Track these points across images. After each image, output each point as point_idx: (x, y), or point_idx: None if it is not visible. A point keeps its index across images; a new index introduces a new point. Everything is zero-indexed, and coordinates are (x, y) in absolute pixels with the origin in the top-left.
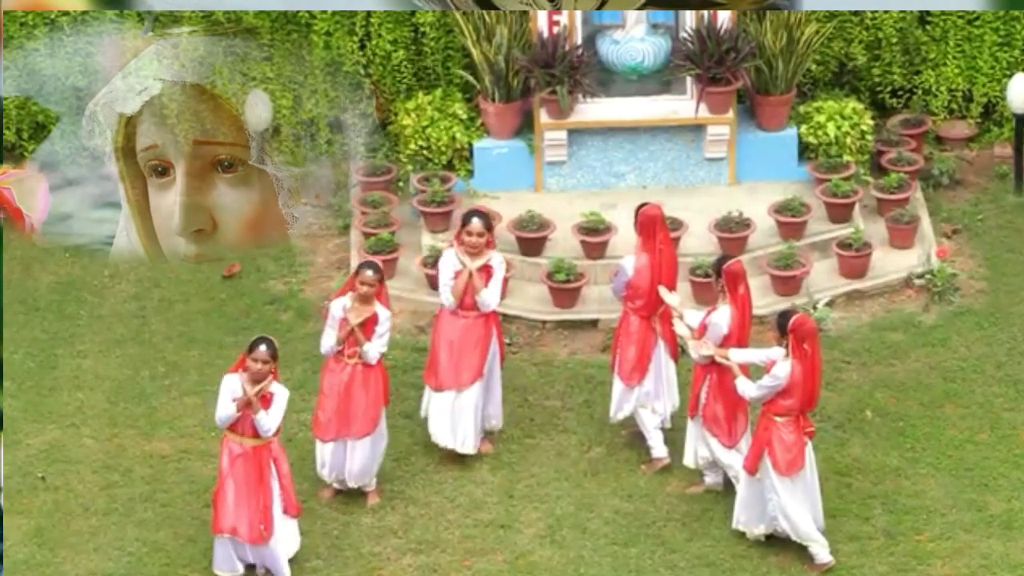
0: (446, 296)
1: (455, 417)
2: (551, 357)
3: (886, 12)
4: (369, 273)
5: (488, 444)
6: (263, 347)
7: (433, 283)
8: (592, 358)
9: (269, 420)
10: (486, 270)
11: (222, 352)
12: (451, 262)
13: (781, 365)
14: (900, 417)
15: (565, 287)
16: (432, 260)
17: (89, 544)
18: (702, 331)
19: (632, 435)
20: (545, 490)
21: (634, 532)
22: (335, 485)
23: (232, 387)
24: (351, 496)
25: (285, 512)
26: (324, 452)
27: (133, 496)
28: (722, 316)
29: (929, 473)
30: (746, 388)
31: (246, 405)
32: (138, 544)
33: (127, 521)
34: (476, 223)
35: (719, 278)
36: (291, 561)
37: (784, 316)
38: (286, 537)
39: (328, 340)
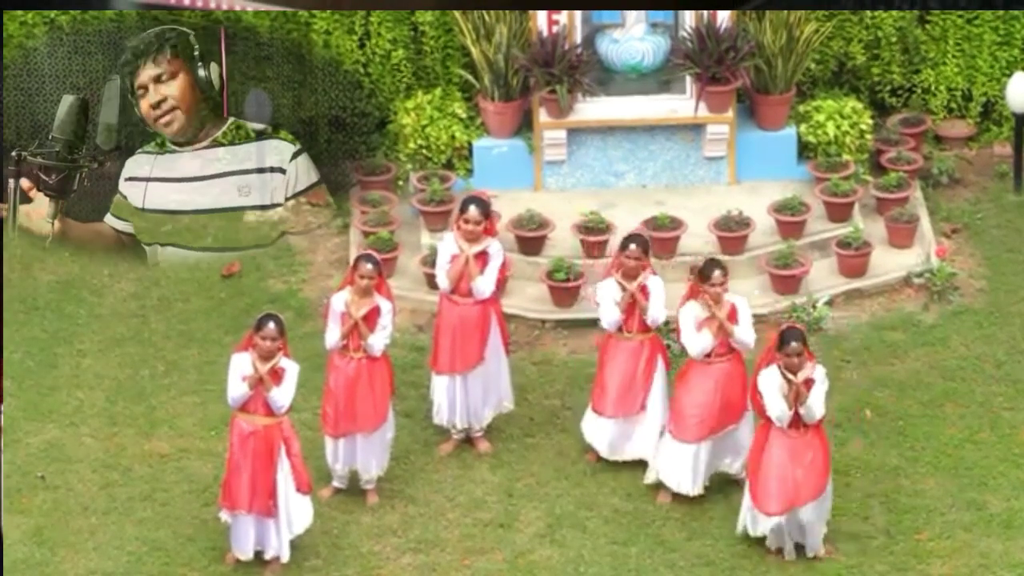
0: (441, 279)
1: (458, 399)
2: (551, 356)
3: (886, 11)
4: (368, 266)
5: (487, 443)
6: (271, 324)
7: (432, 282)
8: (592, 357)
9: (282, 395)
10: (483, 257)
11: (222, 351)
12: (449, 247)
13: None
14: (899, 416)
15: (565, 286)
16: (432, 259)
17: (88, 543)
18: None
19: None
20: (545, 489)
21: (634, 531)
22: (338, 484)
23: (241, 366)
24: (351, 495)
25: (298, 490)
26: (335, 447)
27: (132, 495)
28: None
29: (928, 472)
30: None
31: (258, 383)
32: (137, 543)
33: (126, 520)
34: (473, 211)
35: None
36: (291, 560)
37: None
38: (299, 513)
39: (332, 335)
